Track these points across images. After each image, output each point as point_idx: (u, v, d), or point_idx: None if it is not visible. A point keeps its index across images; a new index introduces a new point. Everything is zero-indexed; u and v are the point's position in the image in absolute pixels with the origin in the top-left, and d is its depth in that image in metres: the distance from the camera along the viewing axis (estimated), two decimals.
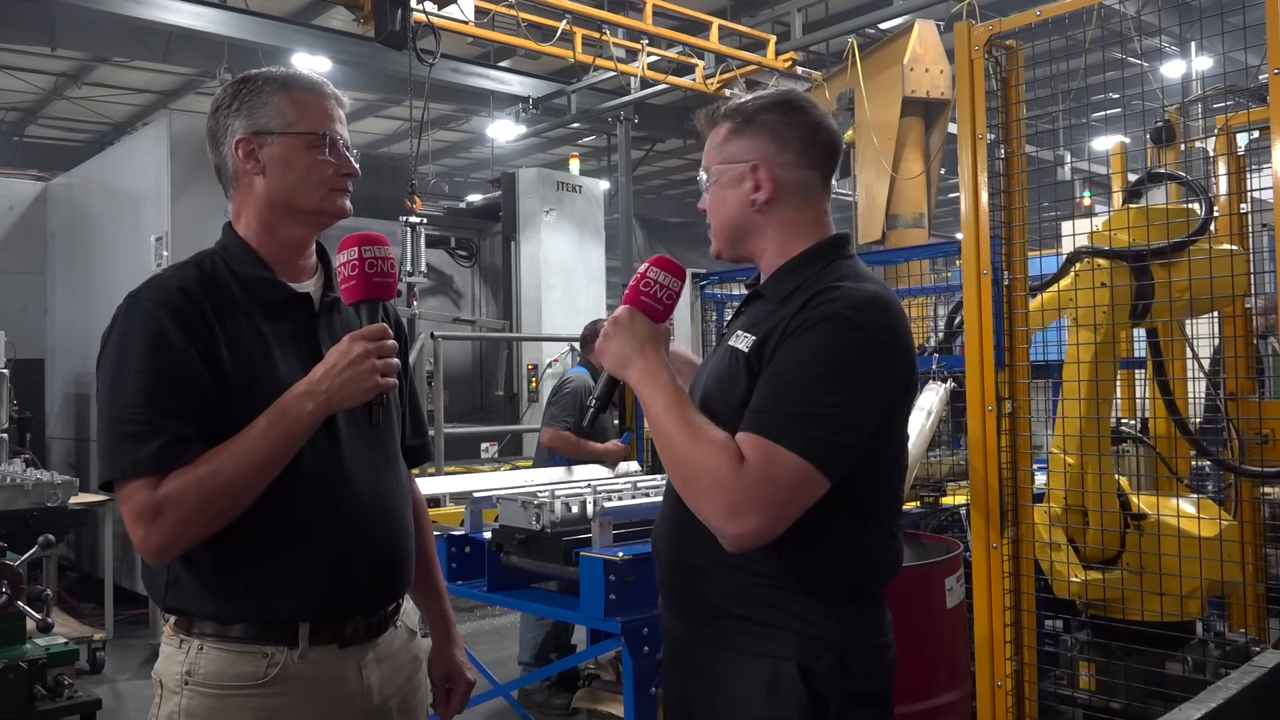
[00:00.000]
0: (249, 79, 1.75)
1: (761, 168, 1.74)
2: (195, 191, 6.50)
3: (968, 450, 3.36)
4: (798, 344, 1.61)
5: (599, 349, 1.74)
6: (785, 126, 1.76)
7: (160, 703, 1.67)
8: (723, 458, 1.55)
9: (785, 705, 1.62)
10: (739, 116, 1.78)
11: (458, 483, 5.33)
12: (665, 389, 1.65)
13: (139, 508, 1.56)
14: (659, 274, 1.74)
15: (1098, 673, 3.43)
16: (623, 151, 13.25)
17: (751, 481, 1.53)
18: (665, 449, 1.63)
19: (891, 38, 9.51)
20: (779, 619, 1.65)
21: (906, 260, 5.17)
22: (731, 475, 1.54)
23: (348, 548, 1.69)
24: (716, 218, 1.81)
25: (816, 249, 1.76)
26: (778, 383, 1.60)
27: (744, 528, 1.54)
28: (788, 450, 1.54)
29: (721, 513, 1.55)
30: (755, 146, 1.76)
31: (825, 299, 1.63)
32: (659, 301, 1.74)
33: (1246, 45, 3.21)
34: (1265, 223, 3.96)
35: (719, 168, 1.79)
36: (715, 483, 1.55)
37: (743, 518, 1.53)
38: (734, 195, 1.77)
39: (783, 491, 1.54)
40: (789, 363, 1.61)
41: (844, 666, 1.65)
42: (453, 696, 1.98)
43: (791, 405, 1.57)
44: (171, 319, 1.61)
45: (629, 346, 1.70)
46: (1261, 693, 1.39)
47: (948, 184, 12.90)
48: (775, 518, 1.55)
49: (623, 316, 1.73)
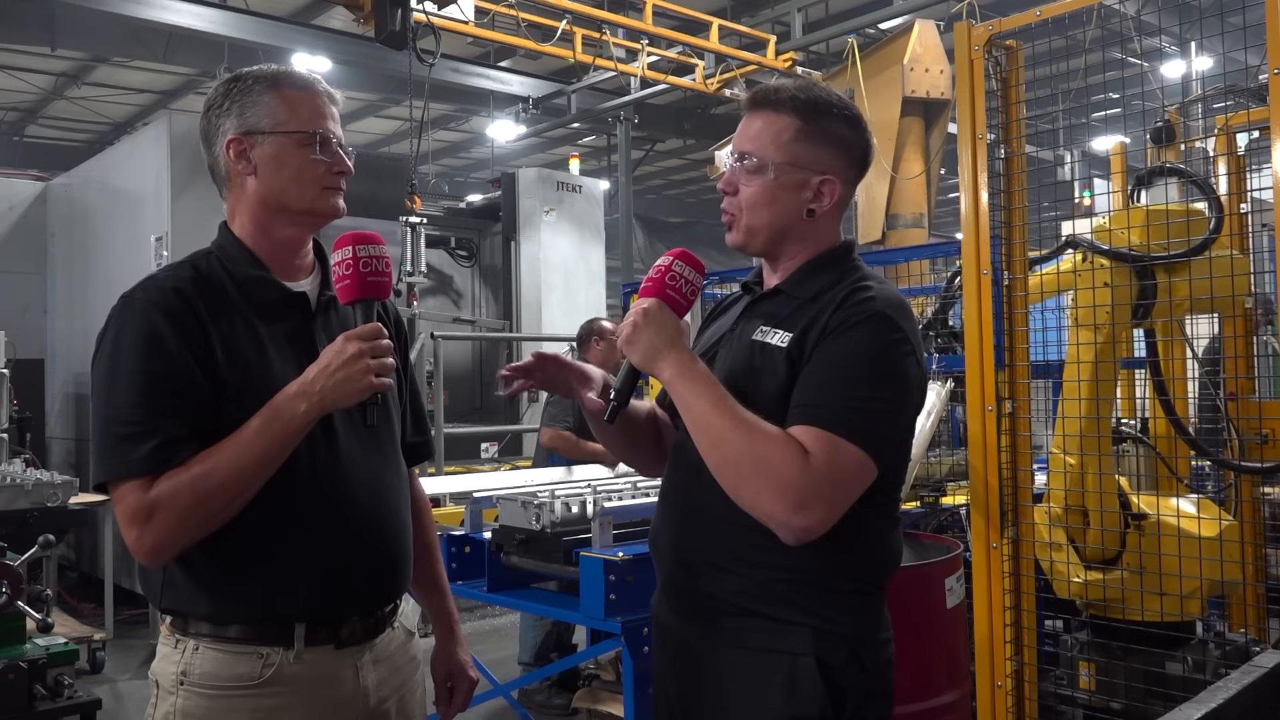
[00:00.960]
0: (240, 77, 1.73)
1: (833, 183, 1.74)
2: (195, 191, 6.49)
3: (968, 450, 3.36)
4: (844, 340, 1.63)
5: (626, 342, 1.69)
6: (854, 144, 1.77)
7: (156, 703, 1.66)
8: (787, 452, 1.56)
9: (805, 702, 1.63)
10: (810, 117, 1.74)
11: (458, 483, 5.34)
12: (706, 384, 1.63)
13: (132, 509, 1.55)
14: (684, 268, 1.71)
15: (1098, 673, 3.43)
16: (623, 151, 13.25)
17: (820, 474, 1.55)
18: (717, 443, 1.60)
19: (891, 38, 9.52)
20: (795, 615, 1.66)
21: (906, 260, 5.18)
22: (799, 469, 1.55)
23: (345, 548, 1.69)
24: (759, 215, 1.75)
25: (835, 252, 1.79)
26: (829, 377, 1.62)
27: (812, 519, 1.55)
28: (849, 443, 1.57)
29: (789, 506, 1.55)
30: (828, 158, 1.74)
31: (862, 298, 1.66)
32: (684, 296, 1.71)
33: (1246, 45, 3.21)
34: (1265, 223, 3.95)
35: (783, 166, 1.72)
36: (780, 476, 1.55)
37: (811, 510, 1.55)
38: (792, 198, 1.74)
39: (846, 483, 1.58)
40: (837, 358, 1.62)
41: (859, 661, 1.67)
42: (455, 695, 1.98)
43: (849, 400, 1.59)
44: (165, 320, 1.60)
45: (660, 340, 1.65)
46: (1261, 693, 1.39)
47: (948, 184, 12.91)
48: (838, 508, 1.58)
49: (652, 309, 1.67)
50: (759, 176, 1.74)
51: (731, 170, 1.77)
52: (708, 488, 1.66)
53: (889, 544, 1.76)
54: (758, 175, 1.74)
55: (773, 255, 1.81)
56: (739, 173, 1.76)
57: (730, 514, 1.64)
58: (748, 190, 1.75)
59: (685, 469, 1.78)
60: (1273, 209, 3.06)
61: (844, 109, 1.78)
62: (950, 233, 13.97)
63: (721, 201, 1.81)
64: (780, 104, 1.75)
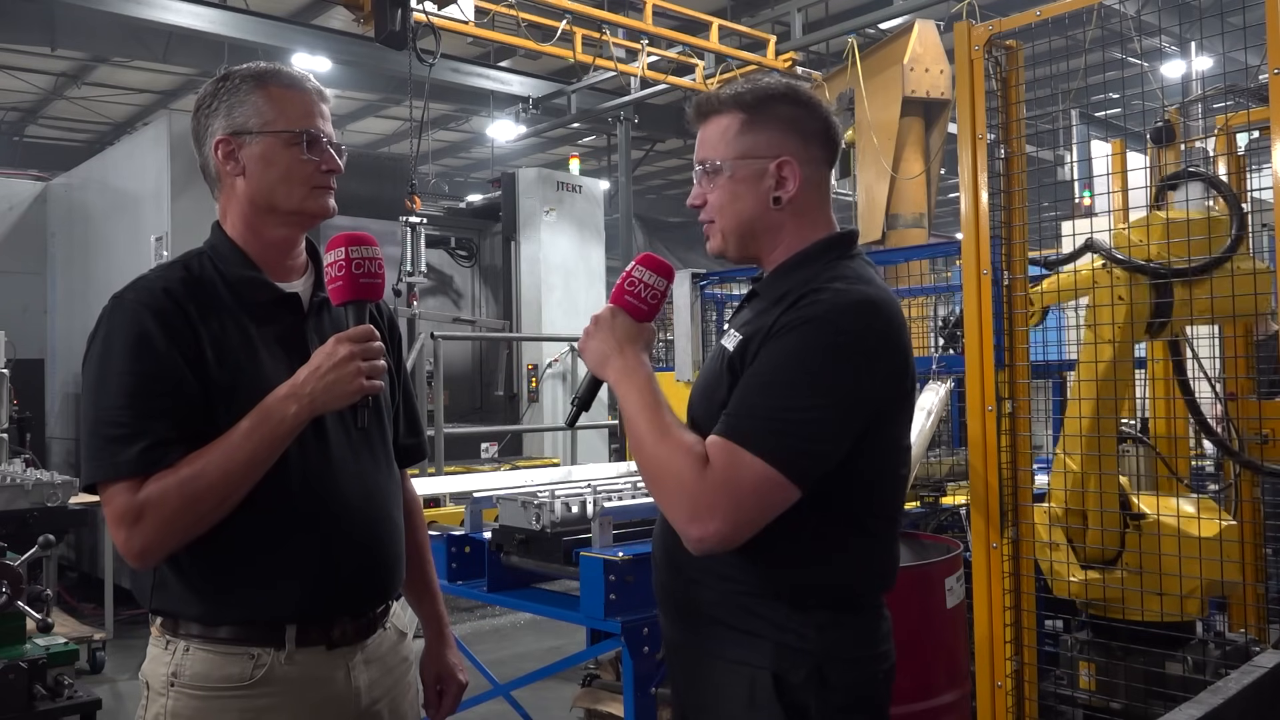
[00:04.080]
0: (228, 77, 1.71)
1: (790, 163, 1.68)
2: (195, 192, 6.50)
3: (968, 450, 3.36)
4: (777, 346, 1.57)
5: (580, 347, 1.72)
6: (806, 119, 1.72)
7: (147, 704, 1.66)
8: (687, 460, 1.53)
9: (761, 715, 1.60)
10: (750, 107, 1.71)
11: (458, 483, 5.32)
12: (640, 389, 1.62)
13: (120, 511, 1.54)
14: (644, 273, 1.71)
15: (1098, 673, 3.43)
16: (623, 151, 13.25)
17: (715, 485, 1.51)
18: (636, 449, 1.61)
19: (891, 38, 9.51)
20: (759, 627, 1.63)
21: (906, 260, 5.18)
22: (694, 477, 1.52)
23: (335, 549, 1.68)
24: (727, 215, 1.72)
25: (817, 247, 1.71)
26: (752, 385, 1.57)
27: (705, 531, 1.51)
28: (753, 455, 1.51)
29: (684, 515, 1.53)
30: (778, 140, 1.69)
31: (811, 300, 1.58)
32: (643, 301, 1.70)
33: (1246, 45, 3.20)
34: (1265, 223, 3.95)
35: (736, 162, 1.69)
36: (679, 485, 1.53)
37: (704, 521, 1.51)
38: (752, 192, 1.70)
39: (746, 497, 1.51)
40: (765, 366, 1.58)
41: (821, 678, 1.61)
42: (444, 698, 1.97)
43: (761, 409, 1.54)
44: (155, 321, 1.59)
45: (608, 345, 1.67)
46: (1261, 693, 1.39)
47: (948, 184, 12.90)
48: (738, 523, 1.52)
49: (604, 315, 1.70)
50: (718, 178, 1.72)
51: (696, 183, 1.77)
52: None
53: (875, 559, 1.69)
54: (717, 177, 1.72)
55: (755, 257, 1.78)
56: (702, 181, 1.75)
57: None
58: (713, 196, 1.73)
59: None
60: (1273, 209, 3.06)
61: (790, 92, 1.73)
62: (950, 233, 13.98)
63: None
64: (722, 104, 1.73)
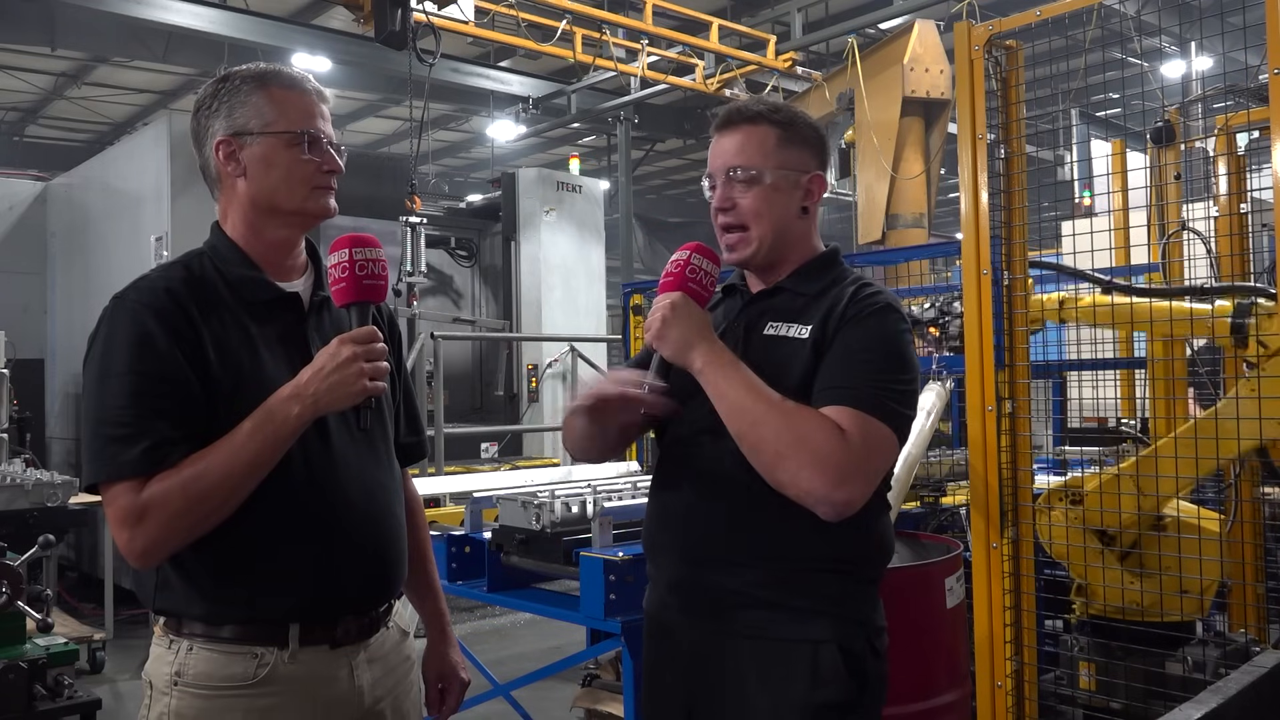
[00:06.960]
0: (228, 77, 1.71)
1: (820, 179, 1.87)
2: (195, 192, 6.48)
3: (968, 450, 3.36)
4: (862, 328, 1.74)
5: (656, 337, 1.74)
6: (822, 143, 1.92)
7: (150, 704, 1.66)
8: (824, 428, 1.63)
9: (830, 689, 1.70)
10: (785, 125, 1.86)
11: (458, 483, 5.33)
12: (738, 370, 1.70)
13: (123, 511, 1.54)
14: (702, 260, 1.78)
15: (1098, 673, 3.43)
16: (623, 151, 13.26)
17: (857, 450, 1.63)
18: (754, 425, 1.66)
19: (891, 38, 9.52)
20: (814, 603, 1.73)
21: (906, 260, 5.16)
22: (838, 445, 1.62)
23: (339, 548, 1.68)
24: (765, 221, 1.83)
25: (829, 255, 1.91)
26: (853, 362, 1.71)
27: (853, 493, 1.63)
28: (880, 421, 1.66)
29: (830, 482, 1.61)
30: (808, 158, 1.87)
31: (871, 292, 1.80)
32: (704, 288, 1.79)
33: (1246, 45, 3.20)
34: (1265, 223, 3.95)
35: (778, 172, 1.83)
36: (820, 453, 1.61)
37: (851, 484, 1.62)
38: (787, 201, 1.84)
39: (879, 459, 1.68)
40: (858, 345, 1.73)
41: (873, 647, 1.77)
42: (447, 697, 1.98)
43: (874, 381, 1.69)
44: (157, 321, 1.59)
45: (691, 332, 1.72)
46: (1261, 693, 1.39)
47: (948, 184, 12.89)
48: (873, 483, 1.68)
49: (678, 304, 1.74)
50: (755, 186, 1.83)
51: (724, 186, 1.85)
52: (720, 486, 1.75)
53: (887, 531, 1.86)
54: (754, 185, 1.83)
55: (774, 262, 1.88)
56: (733, 187, 1.84)
57: (748, 511, 1.73)
58: (747, 201, 1.84)
59: (687, 470, 1.83)
60: (1273, 209, 3.06)
61: (805, 116, 1.94)
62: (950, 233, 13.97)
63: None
64: (757, 117, 1.86)
